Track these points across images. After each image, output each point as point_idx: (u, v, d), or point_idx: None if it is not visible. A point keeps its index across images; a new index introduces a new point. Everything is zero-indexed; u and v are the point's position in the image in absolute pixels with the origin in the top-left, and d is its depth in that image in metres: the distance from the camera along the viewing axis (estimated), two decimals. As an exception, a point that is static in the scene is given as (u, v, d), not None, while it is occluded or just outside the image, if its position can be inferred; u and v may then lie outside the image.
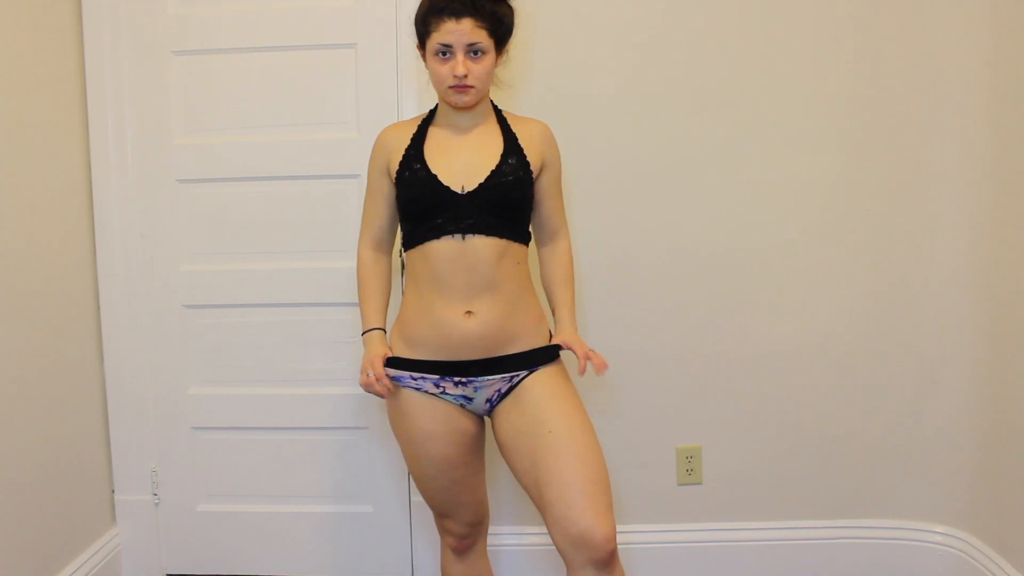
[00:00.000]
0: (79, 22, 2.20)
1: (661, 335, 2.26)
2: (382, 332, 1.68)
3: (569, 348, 1.64)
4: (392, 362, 1.64)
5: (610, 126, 2.20)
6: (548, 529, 1.51)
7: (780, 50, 2.17)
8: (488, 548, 1.90)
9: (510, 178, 1.60)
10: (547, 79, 2.19)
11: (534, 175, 1.65)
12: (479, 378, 1.62)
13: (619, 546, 1.52)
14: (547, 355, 1.66)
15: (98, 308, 2.29)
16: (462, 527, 1.77)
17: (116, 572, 2.32)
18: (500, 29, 1.57)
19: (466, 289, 1.58)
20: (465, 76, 1.54)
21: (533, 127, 1.70)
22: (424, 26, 1.56)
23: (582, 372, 1.60)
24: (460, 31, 1.52)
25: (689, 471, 2.31)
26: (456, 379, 1.62)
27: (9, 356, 1.92)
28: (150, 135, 2.25)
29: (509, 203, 1.60)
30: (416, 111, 2.18)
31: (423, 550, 2.34)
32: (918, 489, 2.28)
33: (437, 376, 1.62)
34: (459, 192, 1.58)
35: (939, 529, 2.26)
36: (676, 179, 2.22)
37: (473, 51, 1.54)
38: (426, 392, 1.63)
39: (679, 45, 2.18)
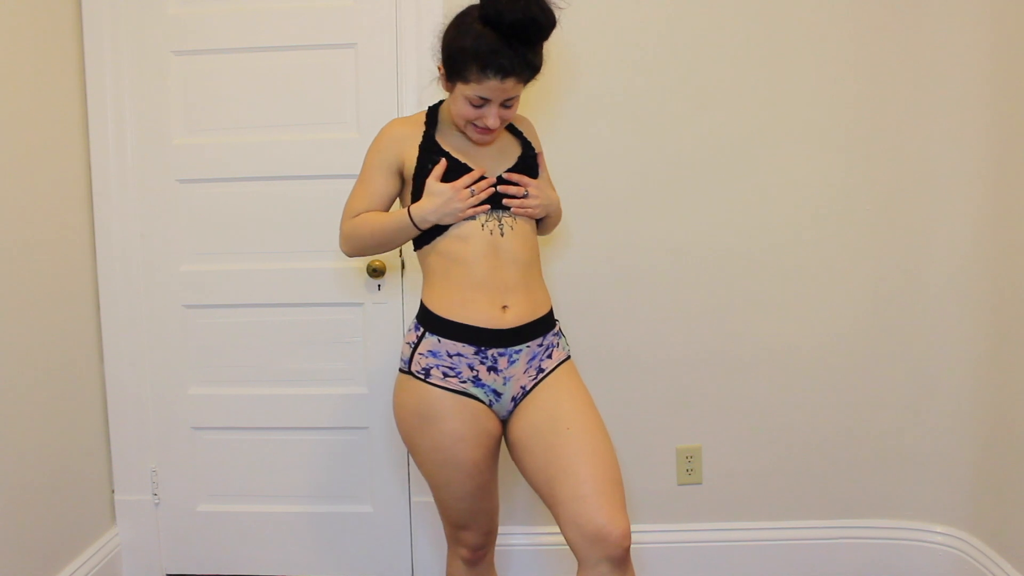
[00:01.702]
0: (79, 22, 2.20)
1: (661, 336, 2.26)
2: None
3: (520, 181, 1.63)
4: (434, 326, 1.61)
5: (611, 127, 2.20)
6: (561, 527, 1.50)
7: (782, 52, 2.17)
8: (498, 548, 1.88)
9: (532, 162, 1.67)
10: (549, 81, 2.18)
11: None
12: (514, 347, 1.60)
13: (621, 546, 1.51)
14: (551, 324, 1.69)
15: (98, 308, 2.29)
16: (479, 537, 1.74)
17: (116, 572, 2.32)
18: (534, 77, 1.57)
19: (500, 283, 1.58)
20: (497, 127, 1.56)
21: (525, 123, 1.78)
22: (462, 68, 1.51)
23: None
24: (502, 89, 1.51)
25: (689, 471, 2.31)
26: (491, 352, 1.58)
27: (9, 356, 1.92)
28: (150, 135, 2.25)
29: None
30: (416, 111, 2.18)
31: (423, 550, 2.34)
32: (918, 489, 2.28)
33: (475, 348, 1.58)
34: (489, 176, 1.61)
35: (939, 529, 2.26)
36: (676, 181, 2.22)
37: (507, 103, 1.56)
38: (454, 391, 1.59)
39: (682, 47, 2.18)
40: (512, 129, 1.73)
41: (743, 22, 2.17)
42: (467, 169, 1.59)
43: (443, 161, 1.58)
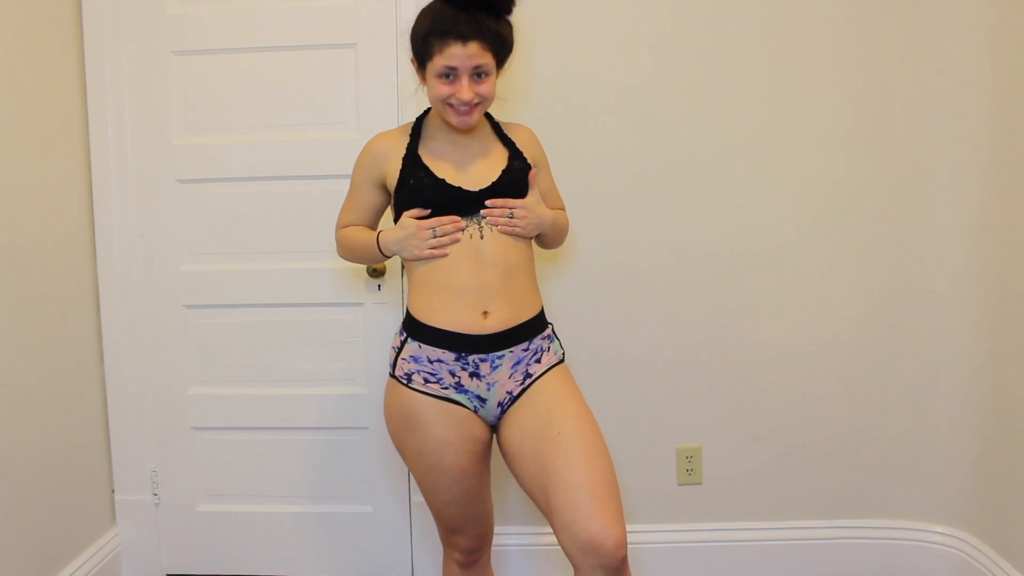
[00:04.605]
0: (79, 22, 2.20)
1: (661, 336, 2.26)
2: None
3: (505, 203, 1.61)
4: (415, 332, 1.61)
5: (611, 129, 2.20)
6: (556, 535, 1.47)
7: (781, 53, 2.17)
8: (494, 548, 1.87)
9: (520, 175, 1.64)
10: (548, 83, 2.19)
11: None
12: (496, 353, 1.58)
13: (619, 547, 1.51)
14: (543, 324, 1.68)
15: (98, 308, 2.29)
16: (471, 541, 1.73)
17: (116, 572, 2.32)
18: (503, 49, 1.57)
19: (481, 288, 1.57)
20: (472, 100, 1.54)
21: (522, 132, 1.75)
22: (426, 47, 1.53)
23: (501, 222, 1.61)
24: (466, 55, 1.50)
25: (689, 471, 2.31)
26: (472, 357, 1.57)
27: (9, 356, 1.92)
28: (150, 135, 2.25)
29: (521, 197, 1.63)
30: (416, 111, 2.18)
31: (423, 550, 2.34)
32: (918, 489, 2.28)
33: (455, 354, 1.58)
34: (472, 191, 1.59)
35: (939, 529, 2.26)
36: (676, 181, 2.22)
37: (477, 73, 1.54)
38: (437, 396, 1.59)
39: (681, 49, 2.18)
40: (504, 139, 1.70)
41: (744, 22, 2.17)
42: (444, 184, 1.58)
43: (424, 212, 1.57)
